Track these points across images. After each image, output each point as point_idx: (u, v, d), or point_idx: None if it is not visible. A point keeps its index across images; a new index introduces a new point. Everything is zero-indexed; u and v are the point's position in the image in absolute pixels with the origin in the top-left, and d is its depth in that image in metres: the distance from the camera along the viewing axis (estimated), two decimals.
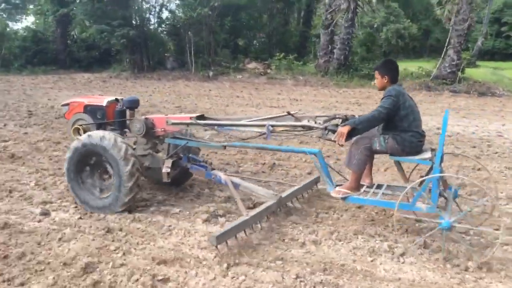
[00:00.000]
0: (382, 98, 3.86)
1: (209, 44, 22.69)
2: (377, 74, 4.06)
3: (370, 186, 4.22)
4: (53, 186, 5.30)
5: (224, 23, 23.11)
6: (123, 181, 4.27)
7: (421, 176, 3.98)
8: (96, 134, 4.38)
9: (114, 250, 3.58)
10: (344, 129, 3.69)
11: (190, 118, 4.47)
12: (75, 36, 26.92)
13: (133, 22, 23.16)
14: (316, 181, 5.06)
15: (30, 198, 4.86)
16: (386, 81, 3.99)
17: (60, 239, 3.80)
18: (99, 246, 3.62)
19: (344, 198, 3.95)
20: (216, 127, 4.48)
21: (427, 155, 3.81)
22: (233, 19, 23.73)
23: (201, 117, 4.62)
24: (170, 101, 13.91)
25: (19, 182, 5.42)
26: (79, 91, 16.38)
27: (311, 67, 22.49)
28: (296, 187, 4.69)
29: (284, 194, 4.39)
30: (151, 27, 24.54)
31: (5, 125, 9.12)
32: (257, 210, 4.00)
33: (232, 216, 4.35)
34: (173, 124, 4.57)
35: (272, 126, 4.02)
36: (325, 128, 3.84)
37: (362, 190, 4.10)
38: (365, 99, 15.21)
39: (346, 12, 17.87)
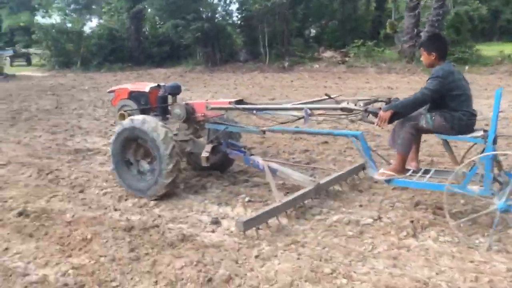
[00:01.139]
0: (429, 79, 3.66)
1: (282, 33, 22.01)
2: (422, 51, 3.87)
3: (417, 170, 3.98)
4: (207, 189, 4.87)
5: (297, 11, 22.30)
6: (163, 164, 4.31)
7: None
8: (138, 118, 4.45)
9: (331, 274, 3.01)
10: (386, 114, 3.63)
11: (229, 102, 4.51)
12: (146, 33, 27.31)
13: (204, 15, 22.99)
14: (363, 167, 4.69)
15: (188, 204, 4.45)
16: (433, 58, 3.77)
17: (257, 256, 3.30)
18: (312, 268, 3.07)
19: (388, 181, 3.81)
20: (254, 111, 4.48)
21: (479, 134, 3.58)
22: (304, 7, 22.88)
23: (240, 101, 4.62)
24: (259, 94, 13.42)
25: None
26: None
27: (391, 53, 21.19)
28: (338, 173, 4.56)
29: (323, 181, 4.29)
30: (222, 19, 24.21)
31: (115, 122, 8.98)
32: (291, 196, 3.92)
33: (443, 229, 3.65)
34: (213, 109, 4.63)
35: (311, 109, 3.95)
36: (366, 111, 3.74)
37: (408, 174, 3.90)
38: None
39: None
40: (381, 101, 4.16)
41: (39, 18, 40.89)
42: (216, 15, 23.51)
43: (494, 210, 3.30)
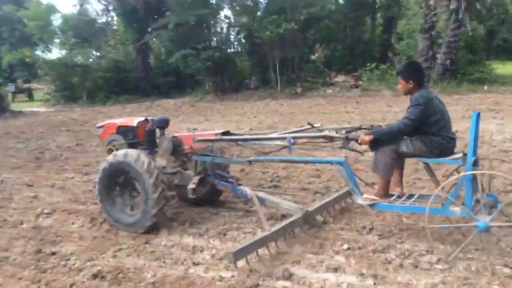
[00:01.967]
0: (409, 107, 3.75)
1: (292, 59, 21.81)
2: (400, 79, 3.94)
3: (401, 195, 4.05)
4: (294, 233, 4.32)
5: (307, 37, 22.18)
6: (149, 193, 4.32)
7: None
8: (120, 152, 4.52)
9: None
10: (367, 137, 3.73)
11: (215, 134, 4.63)
12: (151, 64, 27.10)
13: (213, 44, 22.86)
14: (349, 193, 4.66)
15: (279, 254, 3.89)
16: (411, 86, 3.85)
17: None
18: None
19: (371, 205, 3.86)
20: (240, 142, 4.57)
21: (458, 156, 3.70)
22: (314, 32, 22.82)
23: (227, 133, 4.72)
24: (283, 121, 13.00)
25: (241, 229, 4.49)
26: (181, 117, 15.85)
27: None
28: (325, 200, 4.65)
29: (311, 208, 4.36)
30: (230, 47, 24.08)
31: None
32: (281, 225, 3.98)
33: None
34: (200, 141, 4.70)
35: (294, 138, 4.05)
36: (347, 138, 3.83)
37: (392, 198, 3.95)
38: (495, 105, 13.56)
39: (455, 13, 16.34)
40: (364, 128, 4.23)
41: (39, 53, 40.86)
42: (223, 45, 23.34)
43: (476, 232, 3.38)
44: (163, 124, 5.20)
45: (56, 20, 39.68)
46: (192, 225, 4.69)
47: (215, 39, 23.14)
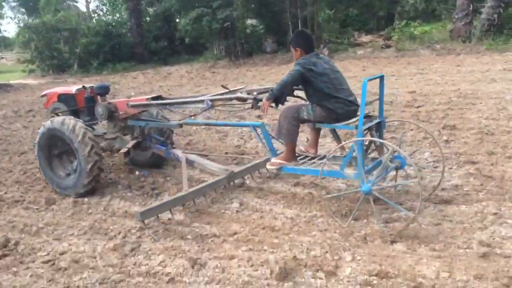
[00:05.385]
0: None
1: (312, 19, 19.97)
2: (291, 48, 4.09)
3: (315, 156, 4.25)
4: None
5: None
6: (82, 164, 4.48)
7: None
8: (57, 120, 4.62)
9: None
10: (266, 103, 3.83)
11: (146, 99, 4.73)
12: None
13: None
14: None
15: None
16: (299, 53, 3.98)
17: None
18: None
19: (278, 169, 4.03)
20: (167, 106, 4.67)
21: (352, 121, 3.81)
22: None
23: (158, 97, 4.84)
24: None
25: None
26: (216, 85, 13.74)
27: (436, 32, 19.86)
28: (253, 162, 4.79)
29: (237, 170, 4.53)
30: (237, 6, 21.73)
31: None
32: (200, 185, 4.16)
33: None
34: (132, 106, 4.76)
35: (211, 100, 4.17)
36: (255, 99, 3.97)
37: (300, 161, 4.11)
38: None
39: None
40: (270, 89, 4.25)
41: None
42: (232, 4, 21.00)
43: (363, 196, 3.44)
44: (103, 91, 5.23)
45: None
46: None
47: None
